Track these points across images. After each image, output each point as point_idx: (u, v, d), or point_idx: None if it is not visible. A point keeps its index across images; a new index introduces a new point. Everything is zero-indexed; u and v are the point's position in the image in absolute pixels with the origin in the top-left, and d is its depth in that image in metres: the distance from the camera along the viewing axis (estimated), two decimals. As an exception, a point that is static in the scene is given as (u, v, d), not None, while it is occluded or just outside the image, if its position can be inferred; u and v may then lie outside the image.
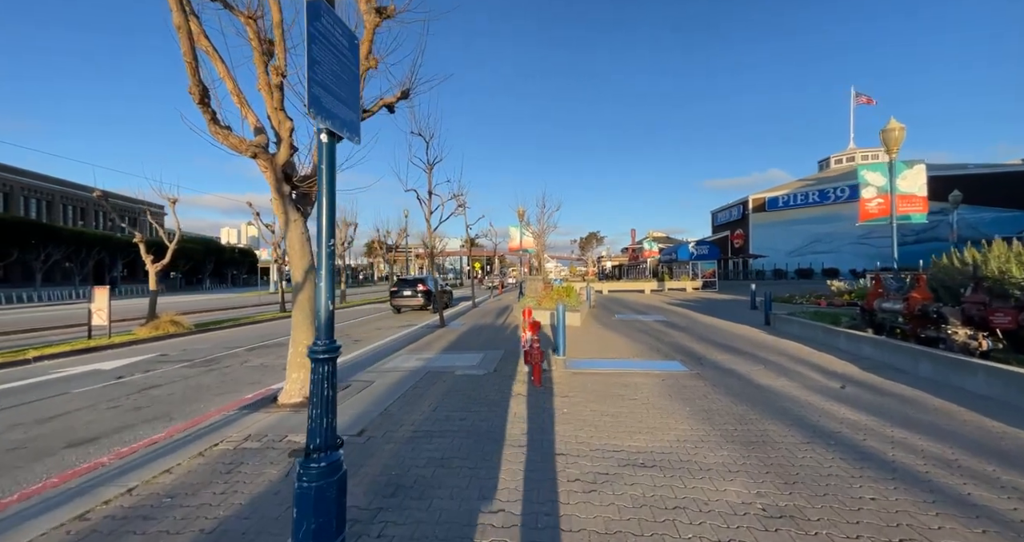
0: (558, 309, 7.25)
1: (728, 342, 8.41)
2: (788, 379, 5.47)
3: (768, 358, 6.79)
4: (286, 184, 4.63)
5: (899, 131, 9.41)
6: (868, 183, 9.88)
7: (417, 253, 53.47)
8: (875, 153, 45.88)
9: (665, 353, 7.44)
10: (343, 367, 6.84)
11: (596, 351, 7.68)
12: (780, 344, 8.06)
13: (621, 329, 10.61)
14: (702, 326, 10.99)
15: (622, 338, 9.16)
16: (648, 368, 6.25)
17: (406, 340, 9.54)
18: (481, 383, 5.52)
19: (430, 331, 10.90)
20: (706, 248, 31.39)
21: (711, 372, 5.95)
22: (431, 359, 7.12)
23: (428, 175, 10.31)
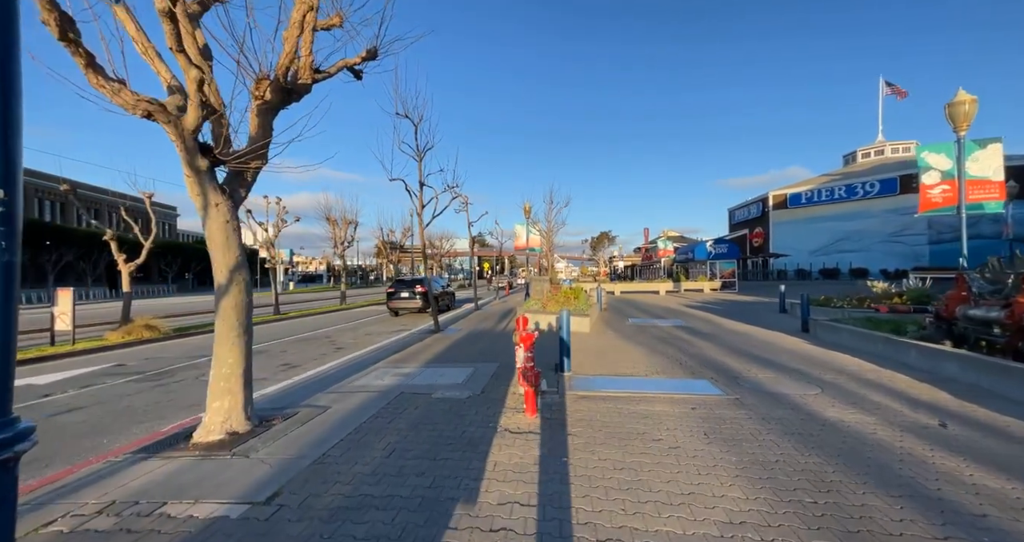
0: (562, 317, 6.07)
1: (765, 354, 7.11)
2: (860, 410, 4.19)
3: (822, 377, 5.48)
4: (202, 157, 3.56)
5: (970, 104, 7.96)
6: (930, 167, 8.43)
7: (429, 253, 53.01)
8: (906, 145, 43.35)
9: (691, 368, 6.19)
10: (306, 385, 5.79)
11: (608, 365, 6.47)
12: (830, 358, 6.72)
13: (636, 336, 9.35)
14: (729, 333, 9.66)
15: (638, 348, 7.92)
16: (673, 390, 5.02)
17: (392, 348, 8.46)
18: (461, 411, 4.38)
19: (422, 338, 9.81)
20: (725, 247, 29.72)
21: (753, 397, 4.70)
22: (411, 375, 6.01)
23: (418, 164, 9.24)
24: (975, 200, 8.09)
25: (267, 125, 4.08)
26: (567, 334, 6.05)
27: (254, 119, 4.03)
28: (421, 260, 61.64)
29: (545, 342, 8.35)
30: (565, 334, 6.03)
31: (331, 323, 14.13)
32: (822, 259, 38.76)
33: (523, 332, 4.24)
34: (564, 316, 6.06)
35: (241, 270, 3.81)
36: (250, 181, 4.14)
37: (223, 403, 3.65)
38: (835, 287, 27.54)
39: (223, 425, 3.60)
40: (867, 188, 36.98)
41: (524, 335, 4.21)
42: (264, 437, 3.63)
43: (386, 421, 4.10)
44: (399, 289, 15.99)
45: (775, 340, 8.57)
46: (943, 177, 8.36)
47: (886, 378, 5.36)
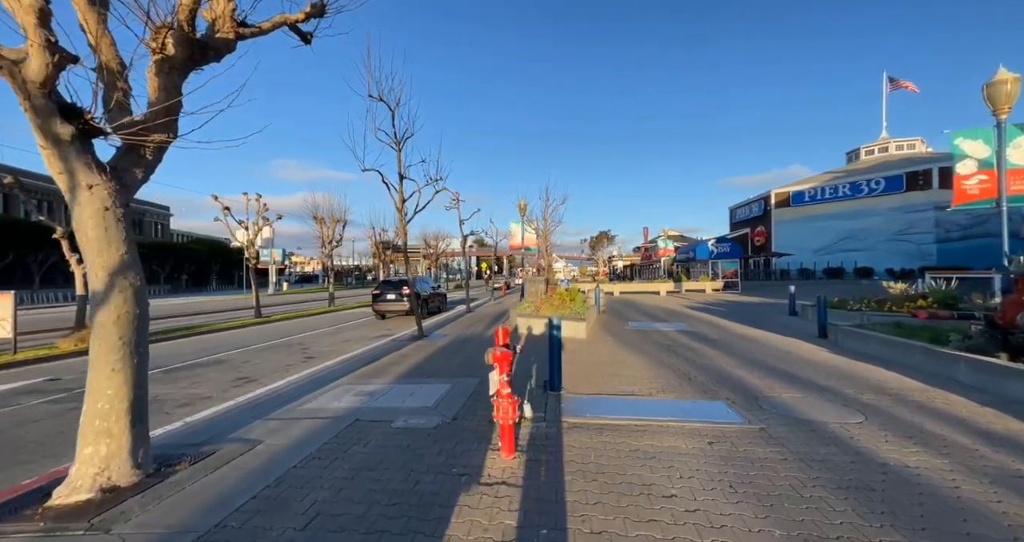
0: (551, 327, 5.20)
1: (783, 365, 6.24)
2: (924, 448, 3.32)
3: (860, 398, 4.61)
4: (63, 122, 2.68)
5: (1012, 83, 7.10)
6: (965, 155, 7.58)
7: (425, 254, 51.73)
8: (910, 142, 42.58)
9: (702, 385, 5.32)
10: (253, 406, 4.91)
11: (606, 380, 5.60)
12: (860, 371, 5.85)
13: (637, 343, 8.48)
14: (739, 339, 8.79)
15: (639, 358, 7.05)
16: (683, 416, 4.15)
17: (366, 358, 7.58)
18: (423, 449, 3.50)
19: (403, 345, 8.94)
20: (727, 246, 28.88)
21: (782, 426, 3.83)
22: (375, 394, 5.13)
23: (397, 153, 8.37)
24: (1018, 191, 7.24)
25: (171, 88, 3.20)
26: (558, 346, 5.17)
27: (153, 79, 3.14)
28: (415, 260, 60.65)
29: (539, 350, 7.48)
30: (556, 346, 5.15)
31: (313, 327, 13.25)
32: (826, 258, 37.95)
33: (498, 350, 3.37)
34: (554, 326, 5.18)
35: (128, 273, 2.93)
36: (151, 160, 3.25)
37: (98, 449, 2.77)
38: (841, 287, 26.69)
39: (96, 479, 2.72)
40: (872, 186, 36.16)
41: (498, 354, 3.33)
42: (151, 493, 2.75)
43: (323, 465, 3.22)
44: (385, 291, 15.17)
45: (791, 348, 7.71)
46: (980, 166, 7.50)
47: (938, 400, 4.49)
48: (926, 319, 6.23)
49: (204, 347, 9.41)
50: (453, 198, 16.29)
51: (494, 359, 3.34)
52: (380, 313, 15.16)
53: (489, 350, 3.36)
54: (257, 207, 14.98)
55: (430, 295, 16.71)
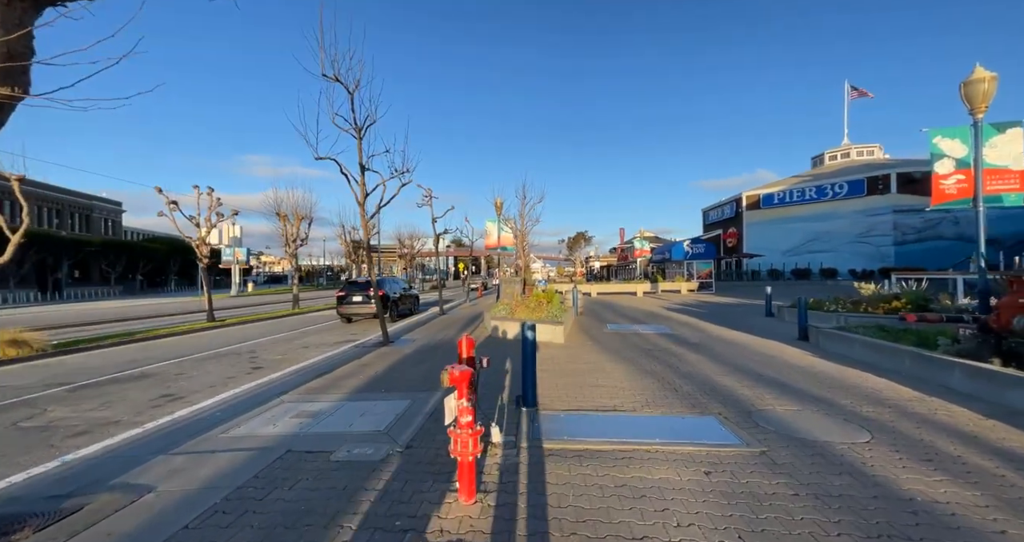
0: (524, 334, 4.60)
1: (771, 372, 5.88)
2: (946, 474, 2.91)
3: (858, 411, 4.24)
4: None
5: (989, 82, 7.01)
6: (944, 154, 7.48)
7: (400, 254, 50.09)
8: (870, 148, 44.55)
9: (689, 396, 4.85)
10: (166, 432, 4.08)
11: (586, 392, 5.05)
12: (851, 378, 5.54)
13: (618, 348, 8.02)
14: (720, 342, 8.47)
15: (621, 365, 6.56)
16: (674, 438, 3.64)
17: (321, 368, 6.77)
18: (361, 493, 2.83)
19: (365, 352, 8.15)
20: (702, 247, 29.20)
21: (785, 448, 3.37)
22: (319, 415, 4.39)
23: (358, 141, 7.57)
24: (993, 192, 7.19)
25: (11, 25, 2.40)
26: (532, 355, 4.58)
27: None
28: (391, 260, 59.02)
29: (514, 357, 6.88)
30: (530, 355, 4.56)
31: (270, 332, 12.20)
32: (794, 259, 39.14)
33: (457, 368, 2.73)
34: (526, 334, 4.59)
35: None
36: None
37: None
38: (809, 288, 27.43)
39: None
40: (836, 189, 37.54)
41: (457, 373, 2.69)
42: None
43: (227, 522, 2.50)
44: (351, 292, 14.22)
45: (775, 352, 7.41)
46: (958, 166, 7.43)
47: (940, 412, 4.16)
48: (914, 322, 6.02)
49: (134, 358, 8.32)
50: (425, 194, 15.50)
51: (451, 380, 2.70)
52: (346, 316, 14.20)
53: (447, 369, 2.72)
54: (210, 202, 13.74)
55: (400, 297, 15.84)
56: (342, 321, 14.43)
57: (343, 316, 14.17)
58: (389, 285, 15.22)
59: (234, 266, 39.35)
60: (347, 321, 14.34)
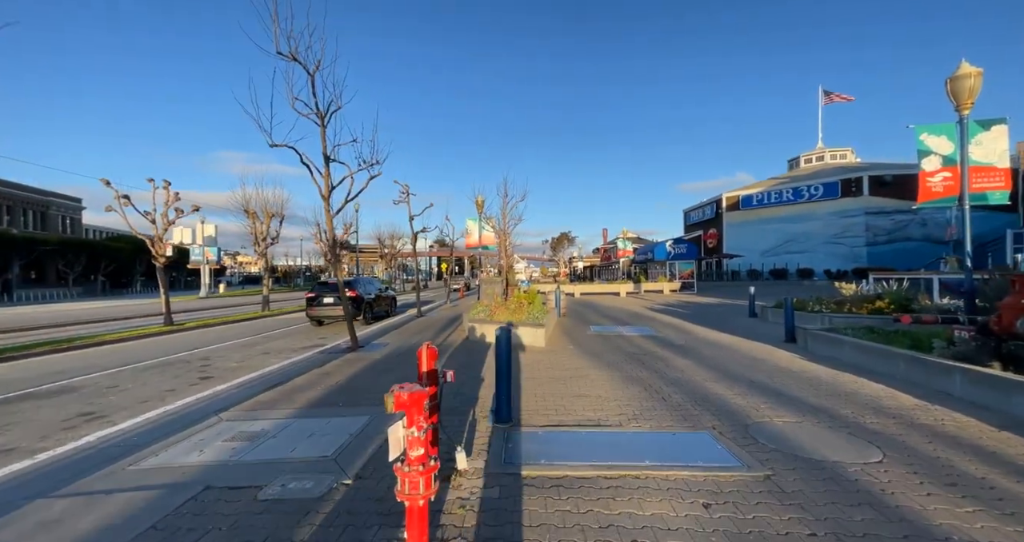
0: (501, 340, 4.09)
1: (764, 378, 5.53)
2: (978, 503, 2.54)
3: (861, 421, 3.89)
4: None
5: (975, 78, 6.88)
6: (931, 151, 7.34)
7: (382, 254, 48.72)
8: (842, 152, 45.82)
9: (679, 407, 4.44)
10: (57, 467, 3.40)
11: (568, 403, 4.58)
12: (845, 384, 5.24)
13: (601, 352, 7.59)
14: (707, 345, 8.15)
15: (604, 371, 6.12)
16: (666, 460, 3.19)
17: (275, 378, 6.10)
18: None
19: (331, 358, 7.50)
20: (684, 247, 29.32)
21: (792, 471, 2.96)
22: (258, 437, 3.78)
23: (321, 129, 6.92)
24: (978, 190, 7.08)
25: None
26: (507, 364, 4.07)
27: None
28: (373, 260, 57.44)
29: (490, 364, 6.35)
30: (504, 365, 4.06)
31: (233, 336, 11.34)
32: (772, 260, 39.86)
33: (406, 390, 2.18)
34: (501, 339, 4.08)
35: None
36: None
37: None
38: (786, 288, 27.80)
39: None
40: (812, 191, 38.39)
41: (406, 397, 2.15)
42: None
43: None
44: (321, 294, 13.45)
45: (764, 355, 7.12)
46: (944, 163, 7.30)
47: (948, 423, 3.85)
48: (909, 324, 5.79)
49: (65, 369, 7.43)
50: (402, 191, 14.82)
51: (398, 405, 2.16)
52: (316, 319, 13.40)
53: (392, 390, 2.18)
54: (166, 197, 12.73)
55: (376, 298, 15.10)
56: (313, 324, 13.66)
57: (313, 319, 13.40)
58: (363, 286, 14.52)
59: (204, 266, 37.56)
60: (318, 324, 13.57)
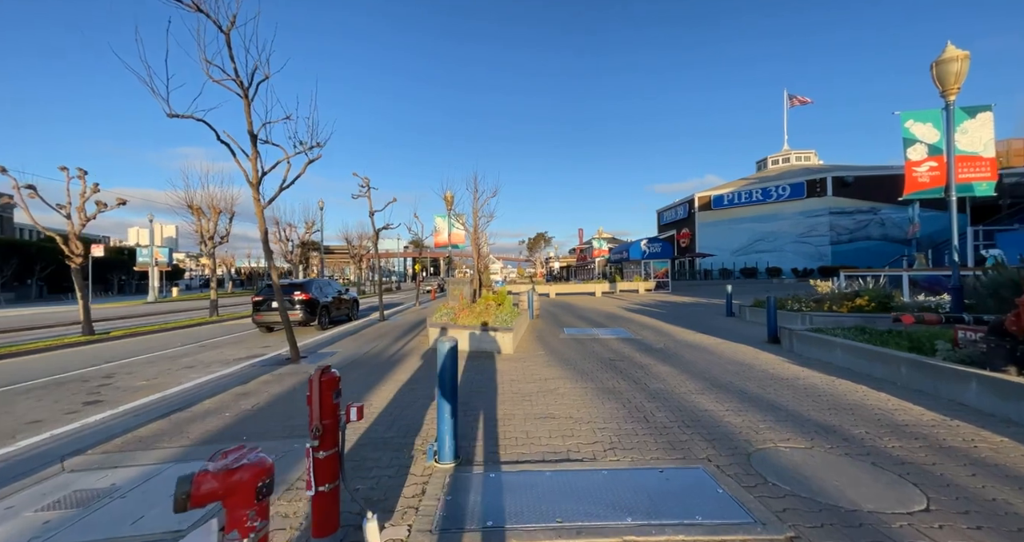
0: (439, 354, 3.19)
1: (754, 388, 4.88)
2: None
3: (882, 447, 3.23)
4: None
5: (962, 61, 6.51)
6: (916, 139, 6.96)
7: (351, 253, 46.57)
8: (807, 154, 47.34)
9: (664, 429, 3.68)
10: None
11: (531, 426, 3.74)
12: (846, 393, 4.64)
13: (575, 359, 6.81)
14: (687, 348, 7.52)
15: (578, 383, 5.33)
16: (655, 519, 2.38)
17: (182, 401, 4.97)
18: None
19: (260, 373, 6.39)
20: (659, 246, 29.22)
21: (818, 529, 2.22)
22: (101, 496, 2.74)
23: (244, 102, 5.82)
24: (964, 180, 6.75)
25: None
26: (451, 386, 3.18)
27: None
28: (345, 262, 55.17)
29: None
30: (448, 386, 3.16)
31: (160, 347, 9.92)
32: (743, 259, 40.59)
33: (221, 468, 1.27)
34: (445, 353, 3.18)
35: None
36: None
37: None
38: (758, 286, 28.14)
39: None
40: (780, 192, 39.32)
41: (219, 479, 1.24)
42: None
43: None
44: (270, 297, 12.09)
45: (750, 359, 6.52)
46: (930, 152, 6.95)
47: (980, 444, 3.23)
48: (911, 324, 5.28)
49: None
50: (362, 184, 13.66)
51: (197, 500, 1.24)
52: (265, 326, 12.13)
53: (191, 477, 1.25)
54: (82, 189, 11.10)
55: (333, 301, 13.86)
56: (262, 331, 12.35)
57: (260, 325, 12.10)
58: (317, 288, 13.23)
59: (152, 268, 34.70)
60: (267, 330, 12.27)
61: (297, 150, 6.73)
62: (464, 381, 5.51)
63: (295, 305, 11.86)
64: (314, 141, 6.71)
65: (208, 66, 5.43)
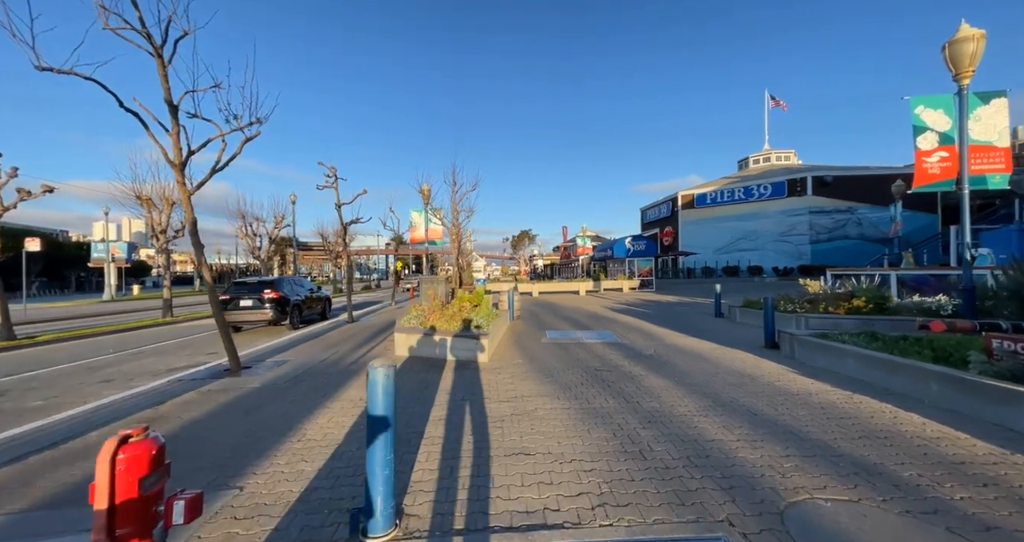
0: (373, 389, 2.32)
1: (765, 408, 4.17)
2: None
3: (947, 498, 2.52)
4: None
5: (977, 41, 5.95)
6: (926, 127, 6.41)
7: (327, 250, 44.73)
8: (786, 154, 47.91)
9: (667, 472, 2.91)
10: None
11: (497, 470, 2.91)
12: (872, 415, 3.97)
13: (556, 369, 6.01)
14: (680, 355, 6.83)
15: (559, 403, 4.53)
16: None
17: (75, 427, 3.95)
18: None
19: (187, 389, 5.38)
20: (643, 244, 28.81)
21: None
22: None
23: (158, 63, 4.77)
24: (977, 172, 6.23)
25: None
26: (380, 426, 2.31)
27: None
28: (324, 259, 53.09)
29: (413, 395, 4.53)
30: (377, 427, 2.29)
31: (87, 354, 8.69)
32: (725, 257, 40.75)
33: None
34: (375, 385, 2.31)
35: None
36: None
37: None
38: (740, 284, 28.05)
39: None
40: (761, 191, 39.55)
41: None
42: None
43: None
44: (239, 295, 11.45)
45: (751, 369, 5.84)
46: (941, 141, 6.41)
47: (1068, 492, 2.56)
48: (943, 332, 4.67)
49: None
50: (329, 174, 12.55)
51: None
52: (233, 325, 11.29)
53: None
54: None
55: (305, 300, 13.09)
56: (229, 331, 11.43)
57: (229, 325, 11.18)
58: (288, 286, 12.51)
59: (108, 265, 32.38)
60: (235, 330, 11.47)
61: (233, 127, 5.69)
62: (422, 400, 4.64)
63: (265, 304, 11.19)
64: (253, 116, 5.69)
65: (107, 14, 4.36)
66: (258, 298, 11.24)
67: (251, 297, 11.31)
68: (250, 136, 5.71)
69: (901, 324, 7.66)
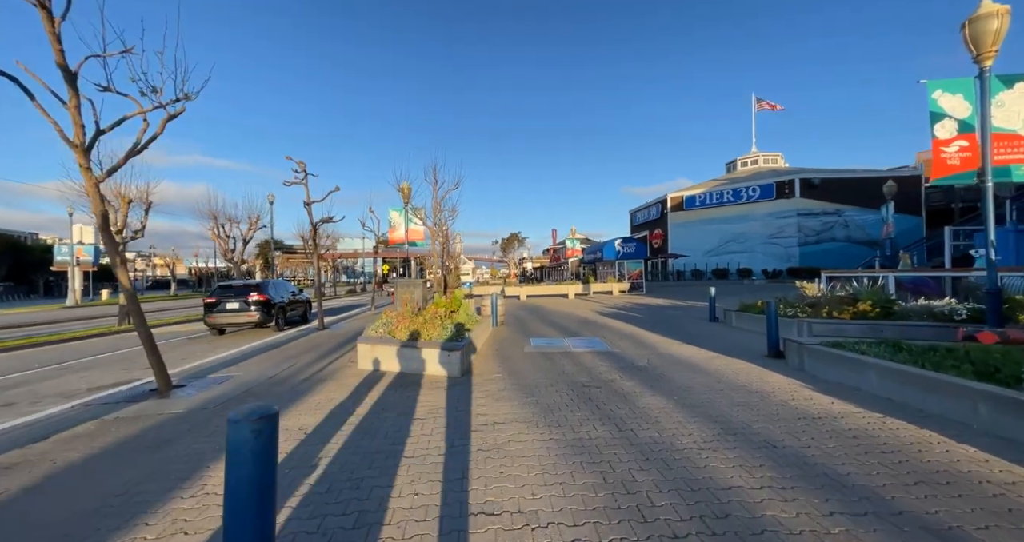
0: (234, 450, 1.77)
1: (786, 440, 3.44)
2: None
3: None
4: None
5: (1001, 17, 5.39)
6: (945, 113, 5.83)
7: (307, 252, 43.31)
8: (774, 157, 48.14)
9: (672, 536, 2.13)
10: None
11: (449, 536, 2.12)
12: (916, 444, 3.27)
13: (537, 386, 5.22)
14: (677, 366, 6.10)
15: (536, 432, 3.73)
16: None
17: None
18: None
19: (104, 411, 4.45)
20: (633, 246, 28.31)
21: None
22: None
23: (44, 17, 3.89)
24: (1001, 162, 5.66)
25: None
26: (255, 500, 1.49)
27: None
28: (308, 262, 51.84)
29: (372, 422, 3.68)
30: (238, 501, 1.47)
31: (7, 369, 7.63)
32: (715, 259, 40.56)
33: None
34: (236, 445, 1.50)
35: None
36: None
37: None
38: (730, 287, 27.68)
39: None
40: (750, 193, 39.53)
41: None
42: None
43: None
44: (224, 298, 11.25)
45: (757, 384, 5.13)
46: (960, 129, 5.84)
47: None
48: (997, 344, 4.02)
49: None
50: (297, 169, 11.64)
51: None
52: (217, 328, 11.08)
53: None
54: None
55: (290, 303, 12.83)
56: (213, 334, 11.28)
57: (213, 327, 11.07)
58: (274, 289, 12.25)
59: (71, 268, 30.66)
60: (219, 333, 11.21)
61: (155, 104, 4.80)
62: (373, 429, 3.81)
63: (251, 306, 10.86)
64: (179, 91, 4.81)
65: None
66: (244, 301, 10.91)
67: (237, 300, 10.96)
68: (173, 114, 4.81)
69: (911, 330, 7.08)
